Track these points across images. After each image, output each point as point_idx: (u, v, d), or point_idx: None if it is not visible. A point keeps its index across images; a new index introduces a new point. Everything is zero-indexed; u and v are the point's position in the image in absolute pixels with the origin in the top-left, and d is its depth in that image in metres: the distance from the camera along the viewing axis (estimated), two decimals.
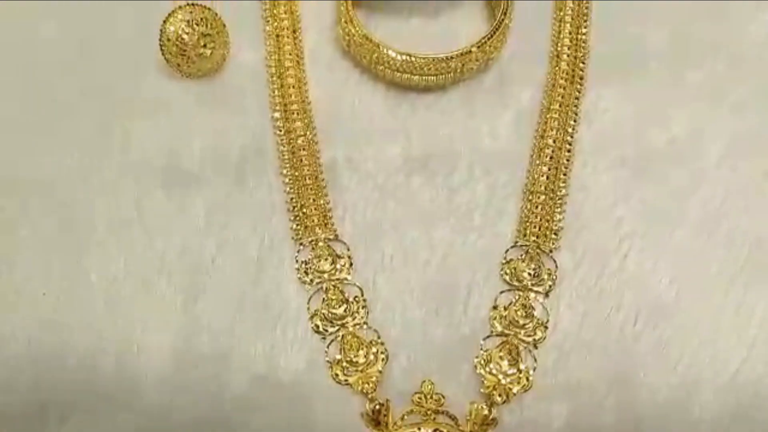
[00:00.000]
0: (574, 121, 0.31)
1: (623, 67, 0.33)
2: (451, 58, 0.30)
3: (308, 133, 0.31)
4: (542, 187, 0.30)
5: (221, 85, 0.32)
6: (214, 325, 0.28)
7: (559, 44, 0.33)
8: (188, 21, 0.30)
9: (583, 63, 0.33)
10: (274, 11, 0.34)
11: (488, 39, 0.31)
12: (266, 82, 0.32)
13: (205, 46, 0.31)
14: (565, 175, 0.30)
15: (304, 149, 0.31)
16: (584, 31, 0.33)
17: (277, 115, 0.31)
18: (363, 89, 0.32)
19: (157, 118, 0.31)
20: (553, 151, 0.31)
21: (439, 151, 0.31)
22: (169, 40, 0.30)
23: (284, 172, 0.30)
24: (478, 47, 0.31)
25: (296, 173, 0.30)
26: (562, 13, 0.34)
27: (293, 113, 0.31)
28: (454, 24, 0.34)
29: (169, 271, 0.28)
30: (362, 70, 0.32)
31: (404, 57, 0.30)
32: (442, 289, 0.28)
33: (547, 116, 0.31)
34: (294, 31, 0.33)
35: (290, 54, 0.33)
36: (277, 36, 0.33)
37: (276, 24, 0.33)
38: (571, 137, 0.31)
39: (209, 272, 0.28)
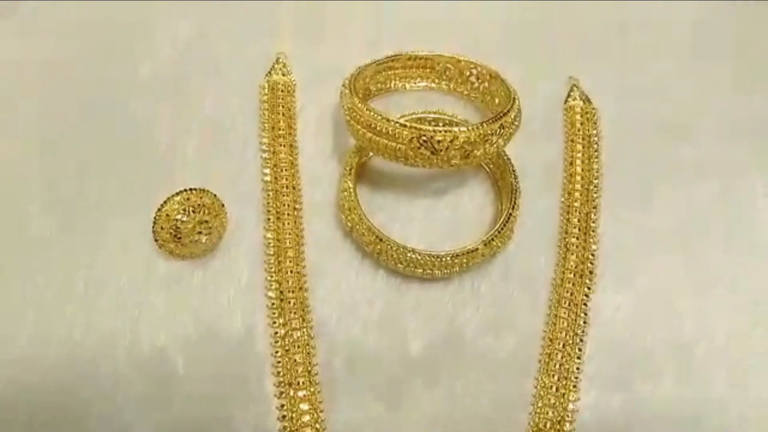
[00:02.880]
0: (584, 322, 0.30)
1: (632, 257, 0.32)
2: (457, 255, 0.29)
3: (304, 329, 0.29)
4: (551, 401, 0.28)
5: (214, 267, 0.30)
6: None
7: (568, 235, 0.32)
8: (185, 209, 0.29)
9: (593, 255, 0.32)
10: (276, 186, 0.33)
11: (496, 235, 0.30)
12: (263, 264, 0.31)
13: (200, 232, 0.29)
14: (575, 386, 0.28)
15: (298, 345, 0.29)
16: (594, 218, 0.33)
17: (272, 303, 0.30)
18: (364, 277, 0.30)
19: (140, 305, 0.29)
20: (562, 357, 0.29)
21: (443, 351, 0.29)
22: (162, 228, 0.29)
23: (276, 372, 0.28)
24: (485, 244, 0.30)
25: (288, 376, 0.28)
26: (570, 199, 0.33)
27: (289, 302, 0.30)
28: (460, 203, 0.33)
29: None
30: (364, 254, 0.31)
31: (409, 254, 0.29)
32: None
33: (556, 315, 0.30)
34: (295, 209, 0.32)
35: (290, 234, 0.31)
36: (278, 214, 0.32)
37: (278, 201, 0.32)
38: (582, 340, 0.30)
39: None
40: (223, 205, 0.30)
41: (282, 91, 0.36)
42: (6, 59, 0.37)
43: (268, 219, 0.32)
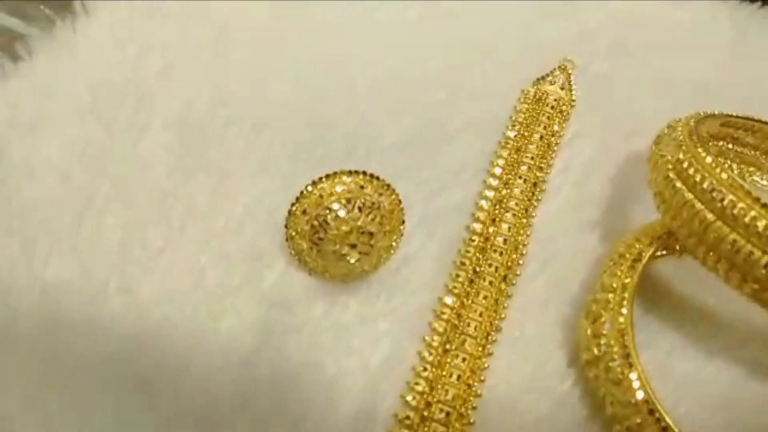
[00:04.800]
0: None
1: None
2: None
3: None
4: None
5: (347, 312, 0.18)
6: None
7: None
8: (350, 199, 0.17)
9: None
10: (487, 231, 0.20)
11: None
12: (422, 345, 0.18)
13: (354, 246, 0.18)
14: None
15: None
16: None
17: (406, 417, 0.17)
18: None
19: (227, 316, 0.18)
20: None
21: None
22: (304, 212, 0.17)
23: None
24: None
25: None
26: None
27: None
28: None
29: None
30: (594, 414, 0.17)
31: None
32: None
33: None
34: (504, 280, 0.19)
35: (481, 315, 0.18)
36: (474, 275, 0.19)
37: (481, 257, 0.19)
38: None
39: None
40: (403, 222, 0.19)
41: (552, 108, 0.24)
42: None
43: (457, 276, 0.19)
